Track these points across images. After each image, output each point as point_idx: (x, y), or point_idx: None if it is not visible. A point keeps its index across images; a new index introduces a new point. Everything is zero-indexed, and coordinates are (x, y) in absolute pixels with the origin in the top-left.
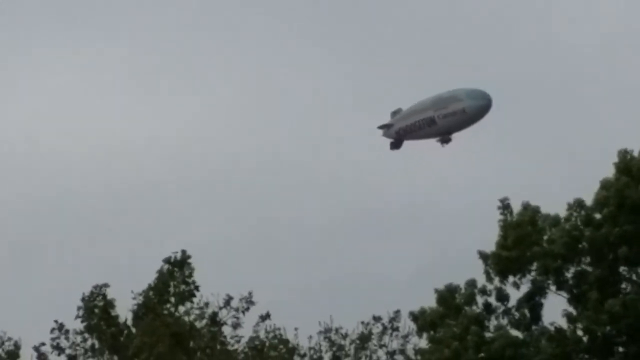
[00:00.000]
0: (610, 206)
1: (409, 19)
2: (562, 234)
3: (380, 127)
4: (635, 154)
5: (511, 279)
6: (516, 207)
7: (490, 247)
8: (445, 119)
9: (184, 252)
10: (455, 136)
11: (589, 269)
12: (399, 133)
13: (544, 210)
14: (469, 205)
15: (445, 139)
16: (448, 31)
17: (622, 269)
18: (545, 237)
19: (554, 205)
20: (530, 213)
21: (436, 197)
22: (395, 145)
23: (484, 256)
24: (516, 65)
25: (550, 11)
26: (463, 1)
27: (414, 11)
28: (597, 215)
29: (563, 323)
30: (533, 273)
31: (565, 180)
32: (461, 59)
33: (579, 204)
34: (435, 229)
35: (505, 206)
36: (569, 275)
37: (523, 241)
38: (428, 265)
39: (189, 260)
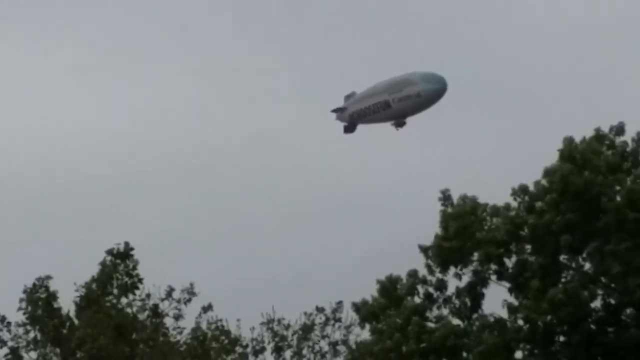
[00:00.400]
0: (553, 193)
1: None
2: (504, 221)
3: (334, 111)
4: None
5: (452, 270)
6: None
7: (432, 238)
8: (400, 103)
9: (127, 244)
10: (410, 120)
11: (531, 257)
12: (353, 117)
13: (492, 198)
14: (417, 194)
15: (399, 122)
16: (402, 15)
17: (563, 257)
18: (486, 227)
19: (504, 192)
20: (470, 203)
21: (385, 185)
22: (349, 129)
23: (424, 249)
24: (473, 50)
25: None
26: None
27: None
28: (540, 203)
29: (504, 313)
30: (474, 264)
31: (515, 168)
32: (416, 43)
33: (523, 191)
34: (381, 217)
35: (446, 197)
36: (510, 264)
37: (464, 231)
38: (372, 254)
39: (132, 252)
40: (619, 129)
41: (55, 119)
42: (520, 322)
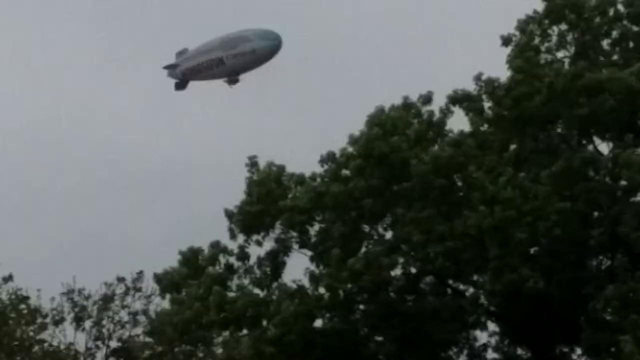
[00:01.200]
0: (357, 159)
1: None
2: (307, 189)
3: (166, 68)
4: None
5: (255, 237)
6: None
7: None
8: (234, 59)
9: None
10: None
11: (333, 226)
12: (185, 73)
13: (303, 165)
14: (231, 160)
15: (232, 79)
16: None
17: (364, 225)
18: (290, 196)
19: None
20: (276, 171)
21: (203, 151)
22: (180, 85)
23: (229, 214)
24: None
25: None
26: None
27: None
28: (345, 171)
29: (307, 282)
30: (277, 232)
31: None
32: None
33: (330, 158)
34: (193, 186)
35: (252, 164)
36: (312, 232)
37: (267, 197)
38: (180, 225)
39: None
40: (427, 98)
41: None
42: (322, 290)
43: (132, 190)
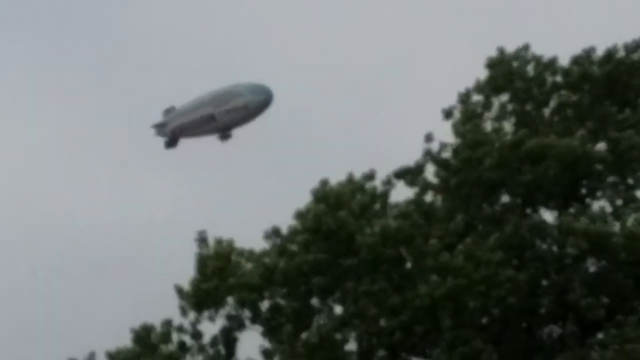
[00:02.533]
0: (305, 233)
1: None
2: (257, 264)
3: (154, 127)
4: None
5: (206, 313)
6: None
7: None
8: (226, 116)
9: None
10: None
11: (284, 301)
12: (175, 131)
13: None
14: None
15: (225, 135)
16: None
17: (314, 300)
18: (239, 272)
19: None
20: (225, 247)
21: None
22: (170, 144)
23: (179, 290)
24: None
25: None
26: None
27: None
28: (292, 246)
29: (260, 358)
30: (228, 308)
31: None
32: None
33: (275, 233)
34: (143, 262)
35: (202, 239)
36: (264, 308)
37: (220, 273)
38: (130, 303)
39: None
40: (370, 175)
41: None
42: None
43: (80, 267)
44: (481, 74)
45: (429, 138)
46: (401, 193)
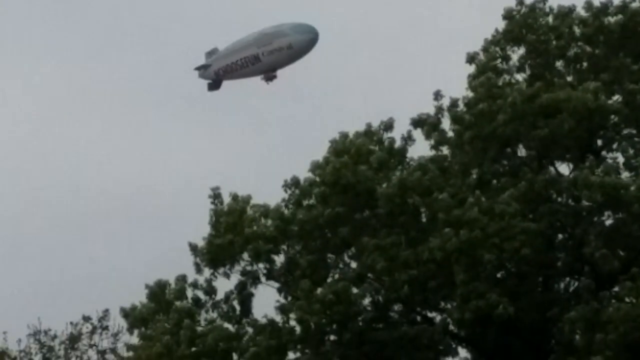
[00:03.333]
0: (323, 186)
1: None
2: (273, 217)
3: (197, 69)
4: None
5: (222, 270)
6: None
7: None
8: (270, 56)
9: None
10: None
11: (300, 255)
12: (218, 73)
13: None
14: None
15: (269, 76)
16: None
17: (329, 255)
18: (255, 226)
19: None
20: (241, 203)
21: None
22: (214, 86)
23: (193, 247)
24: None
25: None
26: None
27: None
28: (310, 198)
29: (276, 314)
30: (243, 263)
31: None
32: None
33: (294, 184)
34: (156, 219)
35: (216, 195)
36: (279, 263)
37: (234, 228)
38: (145, 260)
39: None
40: (388, 125)
41: None
42: (293, 322)
43: (93, 224)
44: (500, 25)
45: (437, 95)
46: (419, 146)
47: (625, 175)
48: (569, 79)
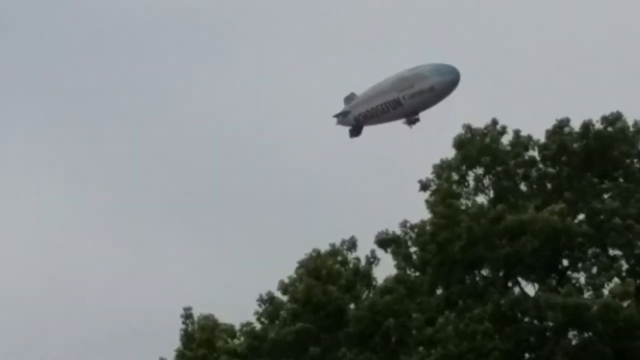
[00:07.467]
0: (295, 304)
1: None
2: (246, 335)
3: (336, 116)
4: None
5: None
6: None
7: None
8: (411, 99)
9: None
10: None
11: None
12: (359, 119)
13: None
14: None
15: (412, 120)
16: None
17: None
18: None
19: None
20: (211, 323)
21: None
22: (355, 132)
23: None
24: None
25: None
26: None
27: None
28: (283, 313)
29: None
30: None
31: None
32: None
33: (269, 299)
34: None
35: (187, 315)
36: None
37: (204, 345)
38: None
39: None
40: (351, 244)
41: None
42: None
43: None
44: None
45: (404, 225)
46: (382, 268)
47: (589, 294)
48: (533, 200)
